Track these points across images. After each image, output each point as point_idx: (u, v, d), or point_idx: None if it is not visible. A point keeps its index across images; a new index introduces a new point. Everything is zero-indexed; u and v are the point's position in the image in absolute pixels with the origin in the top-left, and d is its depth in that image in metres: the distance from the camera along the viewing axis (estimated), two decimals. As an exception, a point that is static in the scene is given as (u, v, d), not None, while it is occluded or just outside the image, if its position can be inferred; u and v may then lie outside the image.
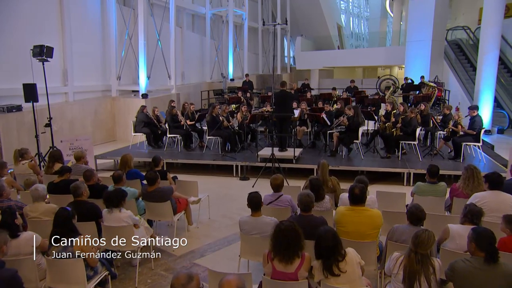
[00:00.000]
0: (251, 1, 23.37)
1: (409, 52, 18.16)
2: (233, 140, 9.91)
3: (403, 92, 14.68)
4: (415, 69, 17.59)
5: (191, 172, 9.24)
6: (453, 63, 18.22)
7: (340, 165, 8.52)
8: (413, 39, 17.99)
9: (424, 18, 17.42)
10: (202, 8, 18.73)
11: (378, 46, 28.44)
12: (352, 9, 37.36)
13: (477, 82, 14.22)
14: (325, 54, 23.55)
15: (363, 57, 22.65)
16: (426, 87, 13.72)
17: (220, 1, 19.82)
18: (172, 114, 10.11)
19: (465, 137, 8.63)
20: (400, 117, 9.01)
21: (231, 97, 13.47)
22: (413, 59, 17.93)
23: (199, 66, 19.09)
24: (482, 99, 14.02)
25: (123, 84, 13.96)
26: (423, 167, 8.18)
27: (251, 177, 8.82)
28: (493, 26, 13.87)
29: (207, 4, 18.74)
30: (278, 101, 8.90)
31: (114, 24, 13.22)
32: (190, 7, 18.00)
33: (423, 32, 17.50)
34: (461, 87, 16.54)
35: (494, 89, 14.08)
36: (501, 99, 15.52)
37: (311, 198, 3.97)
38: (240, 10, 19.89)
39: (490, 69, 13.98)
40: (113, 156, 9.73)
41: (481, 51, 14.15)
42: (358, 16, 38.73)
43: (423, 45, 17.56)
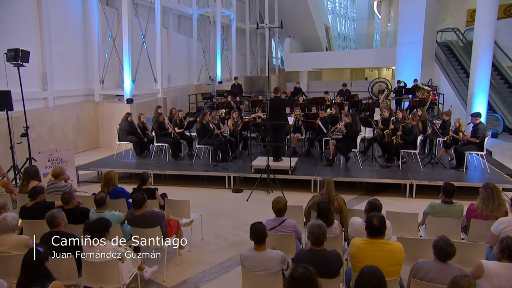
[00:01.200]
0: (239, 2, 22.80)
1: (400, 54, 17.85)
2: (224, 148, 9.36)
3: (396, 95, 14.33)
4: (406, 71, 17.30)
5: (180, 184, 8.67)
6: (444, 65, 17.97)
7: (338, 176, 8.04)
8: (404, 41, 17.69)
9: (415, 20, 17.13)
10: (189, 9, 18.10)
11: (365, 47, 28.23)
12: (339, 9, 37.10)
13: (471, 85, 13.94)
14: (314, 55, 23.14)
15: (353, 58, 22.32)
16: (421, 91, 13.36)
17: (207, 1, 19.21)
18: (159, 122, 9.50)
19: (468, 146, 8.24)
20: (400, 125, 8.57)
21: (220, 102, 12.90)
22: (404, 61, 17.63)
23: (186, 68, 18.47)
24: (475, 102, 13.74)
25: (107, 88, 13.27)
26: (425, 178, 7.80)
27: (245, 189, 8.28)
28: (486, 28, 13.60)
29: (193, 4, 18.12)
30: (272, 108, 8.39)
31: (97, 25, 12.52)
32: (176, 7, 17.36)
33: (414, 34, 17.21)
34: (453, 89, 16.27)
35: (488, 92, 13.82)
36: (494, 103, 15.29)
37: (323, 230, 3.46)
38: (228, 10, 19.31)
39: (483, 72, 13.71)
40: (96, 167, 9.08)
41: (474, 54, 13.88)
42: (345, 16, 38.50)
43: (414, 47, 17.27)
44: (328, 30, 28.79)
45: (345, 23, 38.31)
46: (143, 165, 9.23)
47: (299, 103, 12.36)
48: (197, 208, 6.43)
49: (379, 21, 33.77)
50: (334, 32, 32.13)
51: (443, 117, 9.69)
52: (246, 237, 6.06)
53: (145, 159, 9.73)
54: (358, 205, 7.38)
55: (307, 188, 8.19)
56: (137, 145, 9.66)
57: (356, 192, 8.09)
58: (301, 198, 7.79)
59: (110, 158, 9.86)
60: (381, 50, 22.38)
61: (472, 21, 24.05)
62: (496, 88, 16.00)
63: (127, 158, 9.86)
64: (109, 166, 9.09)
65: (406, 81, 15.43)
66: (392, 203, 7.45)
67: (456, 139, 8.75)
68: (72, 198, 4.72)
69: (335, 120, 10.61)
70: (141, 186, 5.61)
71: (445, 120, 9.63)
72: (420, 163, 8.53)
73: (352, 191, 8.07)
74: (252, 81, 23.72)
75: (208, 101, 13.97)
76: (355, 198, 7.77)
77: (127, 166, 9.32)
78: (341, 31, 36.70)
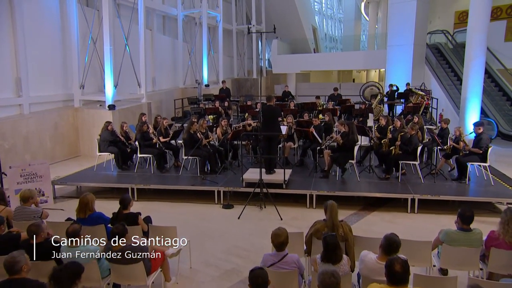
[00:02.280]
0: (225, 2, 22.16)
1: (390, 56, 17.49)
2: (213, 159, 8.76)
3: (388, 99, 13.92)
4: (397, 74, 16.95)
5: (166, 198, 8.05)
6: (434, 67, 17.67)
7: (335, 191, 7.53)
8: (394, 43, 17.34)
9: (405, 22, 16.80)
10: (174, 9, 17.40)
11: (352, 49, 27.89)
12: (325, 10, 36.71)
13: (463, 89, 13.62)
14: (302, 57, 22.65)
15: (342, 60, 21.91)
16: (414, 95, 12.96)
17: (193, 2, 18.53)
18: (142, 131, 8.83)
19: (471, 156, 7.80)
20: (399, 134, 8.10)
21: (208, 108, 12.28)
22: (394, 64, 17.28)
23: (171, 71, 17.76)
24: (468, 107, 13.43)
25: (88, 93, 12.50)
26: (427, 191, 7.35)
27: (236, 204, 7.71)
28: (479, 31, 13.30)
29: (178, 5, 17.41)
30: (265, 118, 7.82)
31: (76, 27, 11.75)
32: (161, 8, 16.65)
33: (404, 36, 16.89)
34: (444, 93, 15.96)
35: (481, 97, 13.52)
36: (486, 107, 15.00)
37: (337, 279, 2.90)
38: (214, 11, 18.65)
39: (476, 76, 13.40)
40: (74, 182, 8.38)
41: (467, 57, 13.56)
42: (331, 17, 38.15)
43: (404, 49, 16.94)
44: (315, 31, 28.36)
45: (331, 24, 37.96)
46: (125, 178, 8.57)
47: (290, 109, 11.82)
48: (184, 227, 5.87)
49: (366, 22, 33.48)
50: (321, 33, 31.73)
51: (442, 125, 9.25)
52: (239, 264, 5.50)
53: (128, 171, 9.06)
54: (358, 222, 6.90)
55: (302, 202, 7.66)
56: (119, 156, 8.98)
57: (354, 206, 7.58)
58: (296, 214, 7.28)
59: (90, 170, 9.16)
60: (370, 52, 22.04)
61: (460, 23, 24.01)
62: (487, 91, 15.73)
63: (109, 170, 9.17)
64: (88, 180, 8.45)
65: (397, 84, 15.04)
66: (393, 220, 6.98)
67: (456, 149, 8.34)
68: (41, 231, 4.08)
69: (329, 128, 10.13)
70: (122, 211, 4.98)
71: (444, 128, 9.21)
72: (421, 174, 8.06)
73: (349, 206, 7.56)
74: (240, 84, 23.13)
75: (195, 106, 13.33)
76: (354, 214, 7.26)
77: (108, 179, 8.63)
78: (328, 32, 36.33)
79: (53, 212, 7.38)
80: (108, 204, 7.66)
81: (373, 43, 28.47)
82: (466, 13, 24.20)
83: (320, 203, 7.55)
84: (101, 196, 8.20)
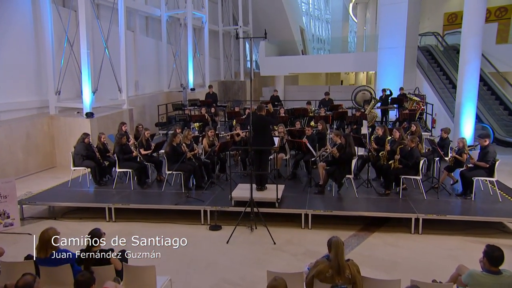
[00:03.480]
0: (211, 2, 21.40)
1: (381, 59, 16.97)
2: (198, 174, 8.02)
3: (381, 105, 13.36)
4: (388, 77, 16.44)
5: (147, 217, 7.30)
6: (426, 71, 17.21)
7: (333, 209, 6.89)
8: (385, 46, 16.81)
9: (396, 24, 16.29)
10: (157, 10, 16.59)
11: (340, 50, 27.38)
12: (312, 11, 36.18)
13: (458, 94, 13.14)
14: (291, 59, 21.98)
15: (332, 63, 21.30)
16: (409, 101, 12.41)
17: (177, 2, 17.72)
18: (121, 144, 8.05)
19: (477, 171, 7.23)
20: (398, 147, 7.48)
21: (193, 115, 11.53)
22: (385, 67, 16.76)
23: (155, 74, 16.96)
24: (464, 112, 12.94)
25: (64, 99, 11.65)
26: (431, 210, 6.78)
27: (224, 224, 7.00)
28: (474, 34, 12.82)
29: (162, 5, 16.61)
30: (255, 129, 7.12)
31: (50, 28, 10.88)
32: (143, 8, 15.83)
33: (395, 38, 16.37)
34: (437, 97, 15.51)
35: (477, 101, 13.06)
36: (480, 112, 14.56)
37: None
38: (200, 12, 17.87)
39: (472, 80, 12.93)
40: (44, 201, 7.56)
41: (461, 61, 13.08)
42: (318, 18, 37.64)
43: (395, 52, 16.43)
44: (303, 32, 27.75)
45: (319, 25, 37.46)
46: (102, 195, 7.78)
47: (280, 116, 11.15)
48: (167, 255, 5.16)
49: (354, 23, 33.08)
50: (308, 34, 31.18)
51: (442, 135, 8.68)
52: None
53: (106, 187, 8.27)
54: (359, 246, 6.25)
55: (296, 221, 6.99)
56: (95, 171, 8.17)
57: (352, 225, 6.94)
58: (291, 237, 6.61)
59: (63, 186, 8.34)
60: (360, 54, 21.50)
61: (449, 24, 23.74)
62: (480, 95, 15.27)
63: (84, 186, 8.36)
64: (61, 198, 7.66)
65: (389, 88, 14.50)
66: (396, 243, 6.36)
67: (459, 161, 7.78)
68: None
69: (322, 137, 9.49)
70: (92, 248, 4.23)
71: (444, 137, 8.65)
72: (423, 190, 7.46)
73: (348, 225, 6.93)
74: (226, 86, 22.40)
75: (180, 113, 12.55)
76: (353, 236, 6.62)
77: (84, 197, 7.83)
78: (315, 33, 35.81)
79: (19, 238, 6.63)
80: (83, 226, 6.93)
81: (361, 45, 28.03)
82: (455, 14, 24.03)
83: (316, 223, 6.92)
84: (75, 216, 7.44)
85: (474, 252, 5.97)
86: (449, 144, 8.63)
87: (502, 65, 16.15)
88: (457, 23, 23.29)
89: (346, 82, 32.75)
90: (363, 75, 31.95)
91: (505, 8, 21.66)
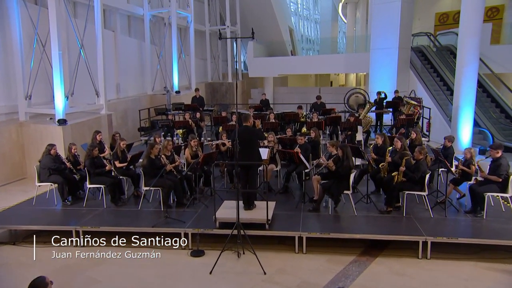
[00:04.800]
0: (197, 2, 20.46)
1: (373, 60, 16.24)
2: (179, 189, 7.14)
3: (376, 109, 12.60)
4: (381, 79, 15.74)
5: (120, 242, 6.37)
6: (419, 72, 16.52)
7: (330, 231, 6.06)
8: (377, 46, 16.08)
9: (389, 24, 15.57)
10: (140, 9, 15.60)
11: (330, 51, 26.67)
12: (301, 11, 35.41)
13: (455, 97, 12.46)
14: (280, 60, 21.16)
15: (322, 64, 20.49)
16: (406, 105, 11.66)
17: (161, 1, 16.74)
18: (92, 157, 7.12)
19: (488, 185, 6.48)
20: (403, 159, 6.68)
21: (177, 122, 10.61)
22: (378, 68, 16.04)
23: (138, 77, 15.96)
24: (461, 115, 12.27)
25: (36, 105, 10.65)
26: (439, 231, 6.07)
27: (207, 248, 6.14)
28: (472, 35, 12.13)
29: (145, 4, 15.61)
30: (242, 143, 6.26)
31: (18, 27, 9.88)
32: (125, 7, 14.84)
33: (388, 39, 15.65)
34: (432, 99, 14.82)
35: (475, 105, 12.39)
36: (477, 116, 13.89)
37: None
38: (185, 11, 16.92)
39: (470, 83, 12.25)
40: (2, 224, 6.59)
41: (459, 63, 12.40)
42: (307, 18, 36.89)
43: (389, 53, 15.72)
44: (292, 32, 26.94)
45: (308, 25, 36.71)
46: (70, 215, 6.85)
47: (270, 122, 10.32)
48: None
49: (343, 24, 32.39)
50: (297, 34, 30.40)
51: (445, 143, 7.92)
52: None
53: (75, 204, 7.32)
54: (361, 276, 5.43)
55: (288, 244, 6.17)
56: (62, 187, 7.22)
57: (353, 249, 6.12)
58: (284, 264, 5.77)
59: (27, 204, 7.38)
60: (351, 55, 20.75)
61: (440, 25, 23.14)
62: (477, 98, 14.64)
63: (51, 203, 7.40)
64: (22, 220, 6.74)
65: (383, 90, 13.78)
66: (404, 271, 5.55)
67: (466, 173, 7.04)
68: None
69: (315, 145, 8.70)
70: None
71: (447, 146, 7.89)
72: (429, 207, 6.68)
73: (347, 248, 6.12)
74: (214, 88, 21.48)
75: (163, 119, 11.61)
76: (353, 262, 5.80)
77: (49, 218, 6.84)
78: (304, 33, 35.06)
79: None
80: (46, 252, 6.02)
81: (351, 46, 27.34)
82: (446, 14, 23.45)
83: (311, 245, 6.10)
84: (38, 240, 6.44)
85: (490, 283, 5.24)
86: (453, 154, 7.88)
87: (497, 66, 15.53)
88: (448, 23, 22.73)
89: (336, 83, 32.10)
90: (353, 76, 31.29)
91: (496, 8, 21.12)
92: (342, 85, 32.47)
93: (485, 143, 13.06)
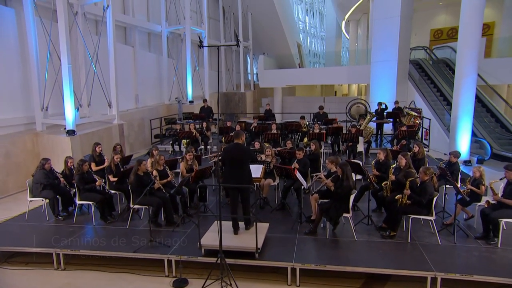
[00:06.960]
0: (213, 20, 19.12)
1: (374, 72, 14.55)
2: (169, 208, 5.75)
3: (377, 119, 10.98)
4: (381, 90, 14.05)
5: (103, 264, 5.04)
6: (417, 83, 14.77)
7: (326, 263, 4.56)
8: (378, 59, 14.38)
9: (389, 38, 13.88)
10: (158, 26, 14.34)
11: (334, 63, 25.02)
12: (309, 29, 33.77)
13: (454, 108, 10.75)
14: (288, 72, 19.64)
15: (326, 75, 18.92)
16: (407, 116, 10.00)
17: (178, 18, 15.44)
18: (81, 172, 5.80)
19: (504, 211, 4.88)
20: (408, 180, 5.13)
21: (181, 132, 9.25)
22: (378, 79, 14.34)
23: (156, 88, 14.71)
24: (460, 126, 10.57)
25: (54, 115, 9.46)
26: (450, 263, 4.48)
27: (192, 276, 4.76)
28: (471, 47, 10.43)
29: (163, 22, 14.35)
30: (231, 161, 4.83)
31: (35, 42, 8.68)
32: (145, 25, 13.62)
33: (388, 52, 13.96)
34: (430, 110, 13.10)
35: (473, 116, 10.65)
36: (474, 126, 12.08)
37: None
38: (199, 28, 15.57)
39: (468, 94, 10.55)
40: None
41: (457, 75, 10.68)
42: (314, 35, 35.21)
43: (388, 65, 14.02)
44: (300, 47, 25.31)
45: (315, 41, 35.05)
46: (56, 233, 5.53)
47: (271, 132, 8.85)
48: None
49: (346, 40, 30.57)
50: (305, 49, 28.74)
51: (451, 159, 6.32)
52: None
53: (65, 221, 6.02)
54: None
55: (280, 274, 4.72)
56: (53, 202, 5.94)
57: (351, 281, 4.63)
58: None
59: (19, 219, 6.13)
60: (353, 67, 19.03)
61: (435, 40, 21.26)
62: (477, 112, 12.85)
63: (43, 219, 6.12)
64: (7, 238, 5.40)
65: (382, 99, 12.16)
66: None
67: (475, 193, 5.44)
68: None
69: (315, 158, 7.19)
70: None
71: (453, 162, 6.29)
72: (437, 234, 5.11)
73: (347, 280, 4.63)
74: (228, 97, 20.10)
75: (170, 129, 10.28)
76: (353, 299, 4.31)
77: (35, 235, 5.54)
78: (312, 48, 33.38)
79: None
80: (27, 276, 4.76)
81: (353, 59, 25.59)
82: (440, 31, 21.51)
83: (305, 276, 4.62)
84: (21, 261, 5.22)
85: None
86: (459, 171, 6.27)
87: (491, 78, 13.69)
88: (442, 39, 21.02)
89: (339, 92, 30.34)
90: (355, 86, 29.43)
91: (487, 25, 19.30)
92: (345, 95, 30.69)
93: (482, 152, 11.29)
